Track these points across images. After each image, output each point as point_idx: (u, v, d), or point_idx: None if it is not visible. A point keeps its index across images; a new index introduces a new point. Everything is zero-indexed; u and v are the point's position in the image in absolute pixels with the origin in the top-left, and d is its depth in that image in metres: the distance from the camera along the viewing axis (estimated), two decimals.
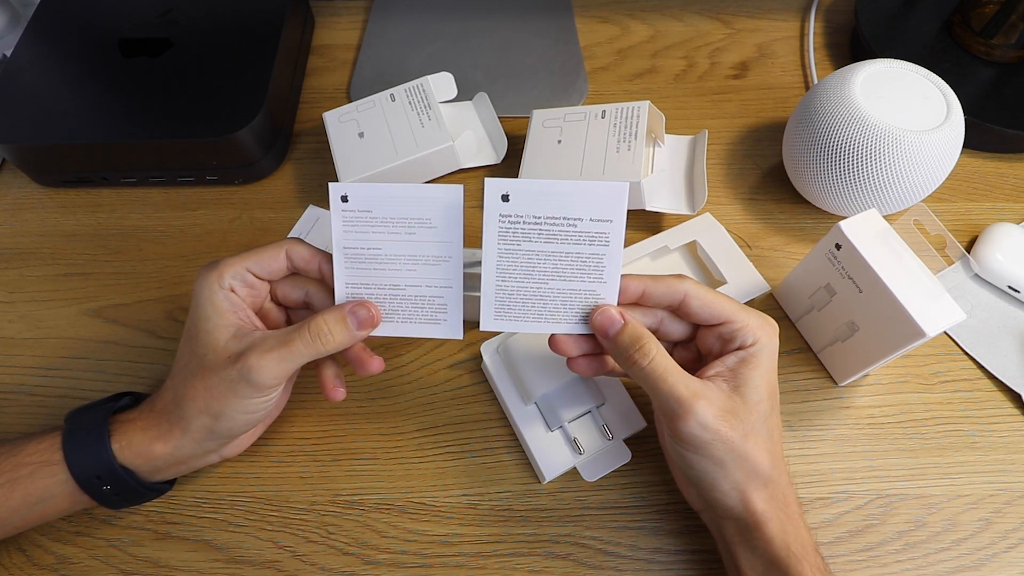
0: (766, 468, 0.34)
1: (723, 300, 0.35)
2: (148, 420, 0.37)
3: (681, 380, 0.33)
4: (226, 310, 0.35)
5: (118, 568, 0.41)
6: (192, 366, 0.36)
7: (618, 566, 0.41)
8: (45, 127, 0.52)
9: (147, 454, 0.36)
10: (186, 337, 0.37)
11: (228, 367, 0.34)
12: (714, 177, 0.56)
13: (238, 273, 0.36)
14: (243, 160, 0.54)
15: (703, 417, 0.33)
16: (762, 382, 0.34)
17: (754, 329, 0.35)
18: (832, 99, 0.47)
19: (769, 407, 0.35)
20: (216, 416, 0.35)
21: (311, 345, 0.34)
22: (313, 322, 0.35)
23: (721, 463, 0.34)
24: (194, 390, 0.35)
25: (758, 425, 0.34)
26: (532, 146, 0.53)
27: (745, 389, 0.34)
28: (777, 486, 0.35)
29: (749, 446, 0.33)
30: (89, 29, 0.58)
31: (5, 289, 0.52)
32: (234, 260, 0.36)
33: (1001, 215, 0.53)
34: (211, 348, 0.35)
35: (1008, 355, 0.47)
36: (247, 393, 0.35)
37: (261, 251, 0.37)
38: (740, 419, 0.33)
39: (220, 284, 0.35)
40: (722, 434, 0.33)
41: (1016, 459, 0.44)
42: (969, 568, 0.40)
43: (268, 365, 0.34)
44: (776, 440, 0.35)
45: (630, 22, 0.66)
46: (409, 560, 0.41)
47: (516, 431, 0.44)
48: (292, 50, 0.60)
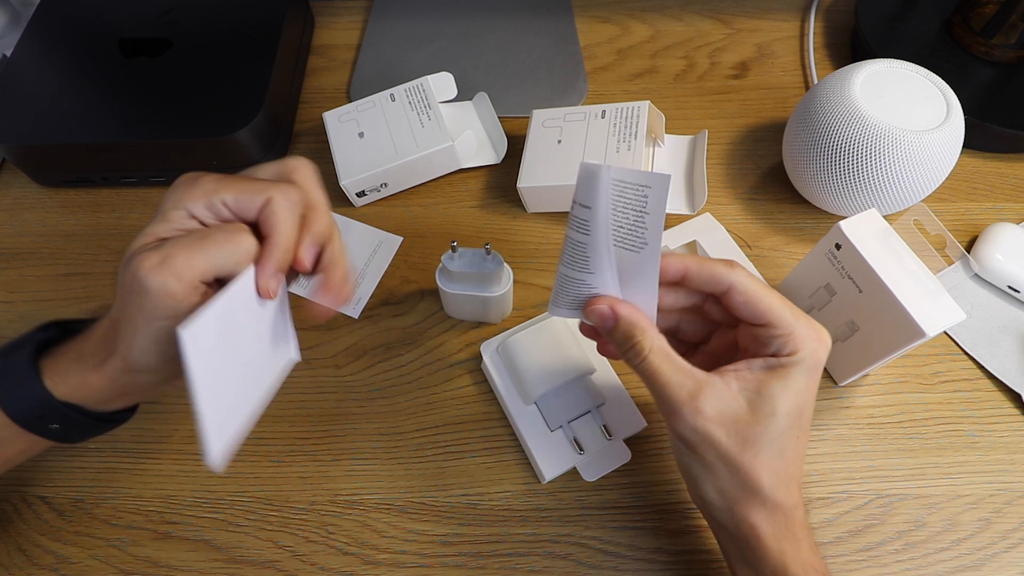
0: (764, 488, 0.31)
1: (771, 300, 0.32)
2: (82, 349, 0.33)
3: (675, 379, 0.31)
4: (172, 228, 0.31)
5: (118, 568, 0.41)
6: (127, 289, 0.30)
7: (618, 566, 0.41)
8: (45, 127, 0.52)
9: (85, 386, 0.32)
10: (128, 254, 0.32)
11: (125, 276, 0.30)
12: (714, 177, 0.56)
13: (212, 205, 0.31)
14: (243, 160, 0.54)
15: (693, 419, 0.31)
16: (785, 397, 0.31)
17: (797, 340, 0.31)
18: (832, 99, 0.47)
19: (787, 424, 0.31)
20: (131, 346, 0.30)
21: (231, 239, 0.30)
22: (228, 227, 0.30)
23: (710, 468, 0.32)
24: (119, 309, 0.31)
25: (764, 439, 0.31)
26: (532, 146, 0.53)
27: (759, 399, 0.31)
28: (779, 507, 0.32)
29: (746, 459, 0.31)
30: (89, 29, 0.58)
31: (5, 289, 0.52)
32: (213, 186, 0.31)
33: (1001, 215, 0.53)
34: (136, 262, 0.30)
35: (1008, 355, 0.47)
36: (148, 308, 0.29)
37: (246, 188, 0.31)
38: (740, 428, 0.31)
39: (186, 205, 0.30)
40: (712, 439, 0.31)
41: (1016, 459, 0.44)
42: (969, 568, 0.40)
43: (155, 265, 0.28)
44: (790, 461, 0.32)
45: (630, 22, 0.66)
46: (409, 560, 0.41)
47: (516, 431, 0.44)
48: (292, 50, 0.60)
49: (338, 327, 0.49)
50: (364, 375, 0.47)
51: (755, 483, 0.31)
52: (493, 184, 0.56)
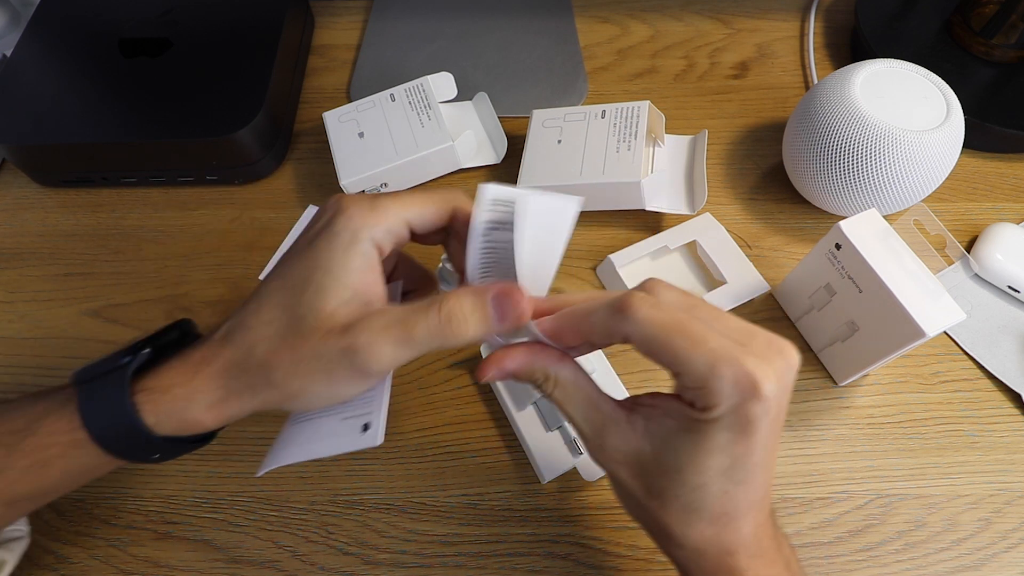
0: (676, 535, 0.27)
1: (679, 344, 0.25)
2: (192, 385, 0.28)
3: (579, 414, 0.28)
4: (356, 269, 0.27)
5: (118, 568, 0.41)
6: (281, 325, 0.28)
7: (618, 566, 0.41)
8: (45, 127, 0.52)
9: (191, 425, 0.29)
10: (286, 284, 0.28)
11: (329, 340, 0.27)
12: (714, 177, 0.56)
13: (394, 228, 0.28)
14: (243, 160, 0.54)
15: (597, 455, 0.28)
16: (696, 456, 0.26)
17: (712, 394, 0.24)
18: (832, 99, 0.47)
19: (699, 482, 0.26)
20: (293, 395, 0.28)
21: (438, 334, 0.27)
22: (445, 304, 0.27)
23: (625, 500, 0.29)
24: (275, 358, 0.27)
25: (668, 493, 0.27)
26: (532, 146, 0.53)
27: (665, 450, 0.27)
28: (703, 555, 0.27)
29: (652, 506, 0.27)
30: (89, 29, 0.58)
31: (5, 289, 0.52)
32: (395, 206, 0.28)
33: (1001, 215, 0.53)
34: (316, 310, 0.27)
35: (1008, 355, 0.47)
36: (344, 378, 0.27)
37: (428, 203, 0.29)
38: (645, 473, 0.27)
39: (370, 236, 0.27)
40: (618, 479, 0.28)
41: (1016, 459, 0.44)
42: (969, 568, 0.40)
43: (381, 349, 0.26)
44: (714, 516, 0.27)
45: (630, 22, 0.66)
46: (409, 560, 0.41)
47: (516, 431, 0.44)
48: (292, 50, 0.60)
49: None
50: None
51: (666, 530, 0.28)
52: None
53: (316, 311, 0.27)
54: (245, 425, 0.45)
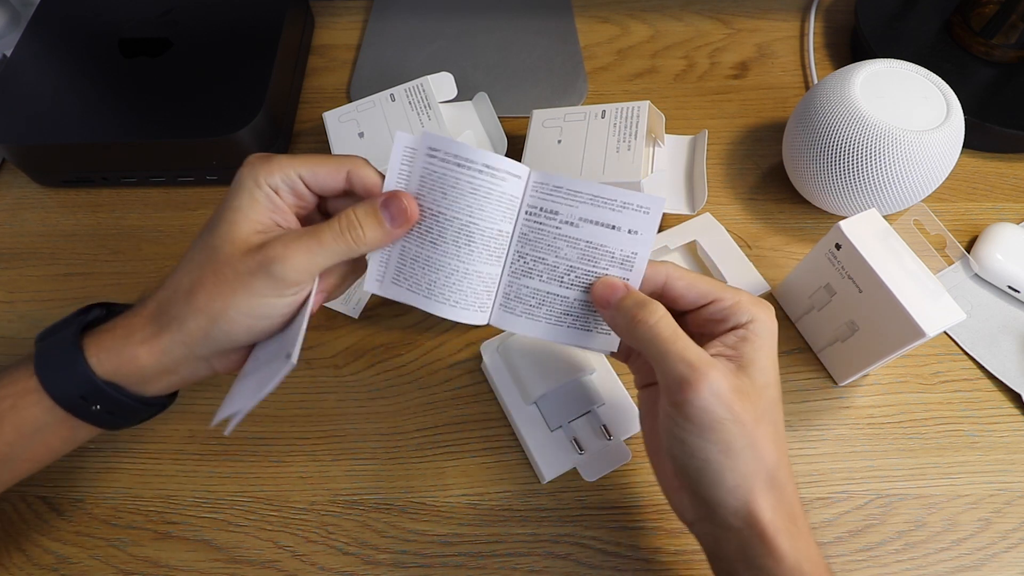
0: (772, 462, 0.30)
1: (708, 279, 0.33)
2: (131, 325, 0.32)
3: (691, 347, 0.30)
4: (261, 205, 0.32)
5: (118, 568, 0.41)
6: (201, 258, 0.31)
7: (618, 566, 0.41)
8: (45, 127, 0.52)
9: (131, 363, 0.32)
10: (203, 230, 0.32)
11: (247, 257, 0.30)
12: (714, 177, 0.56)
13: (288, 177, 0.32)
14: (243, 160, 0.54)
15: (718, 387, 0.29)
16: (768, 363, 0.31)
17: (748, 306, 0.32)
18: (832, 99, 0.47)
19: (776, 394, 0.31)
20: (216, 316, 0.31)
21: (341, 238, 0.31)
22: (344, 214, 0.31)
23: (728, 450, 0.29)
24: (198, 285, 0.31)
25: (767, 412, 0.30)
26: (532, 146, 0.53)
27: (752, 370, 0.31)
28: (784, 491, 0.31)
29: (760, 433, 0.30)
30: (89, 29, 0.58)
31: (5, 289, 0.52)
32: (287, 162, 0.32)
33: (1001, 215, 0.53)
34: (230, 240, 0.31)
35: (1008, 355, 0.47)
36: (264, 289, 0.30)
37: (320, 163, 0.33)
38: (751, 401, 0.30)
39: (266, 181, 0.32)
40: (736, 411, 0.29)
41: (1016, 459, 0.44)
42: (969, 568, 0.40)
43: (294, 255, 0.30)
44: (782, 433, 0.32)
45: (630, 22, 0.66)
46: (409, 560, 0.41)
47: (516, 431, 0.44)
48: (292, 50, 0.60)
49: (338, 327, 0.49)
50: (364, 375, 0.47)
51: (767, 458, 0.30)
52: None
53: (230, 239, 0.31)
54: (245, 425, 0.45)
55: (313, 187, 0.33)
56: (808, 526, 0.32)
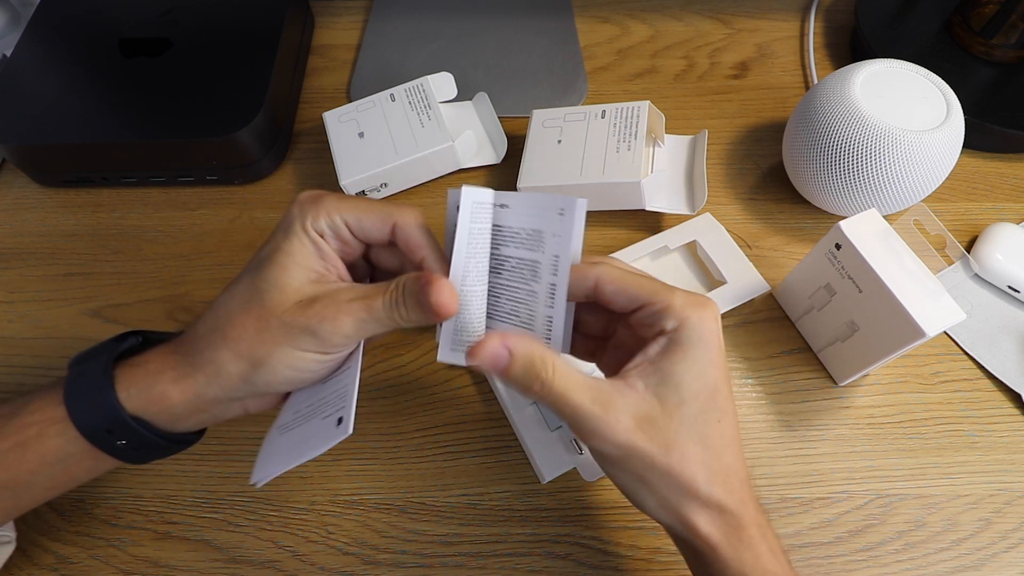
0: (701, 484, 0.29)
1: (641, 281, 0.30)
2: (164, 361, 0.31)
3: (585, 397, 0.28)
4: (310, 252, 0.30)
5: (118, 568, 0.41)
6: (245, 300, 0.30)
7: (618, 566, 0.41)
8: (45, 127, 0.52)
9: (161, 401, 0.31)
10: (248, 269, 0.31)
11: (294, 312, 0.29)
12: (714, 177, 0.56)
13: (333, 224, 0.31)
14: (243, 160, 0.54)
15: (613, 432, 0.28)
16: (686, 377, 0.29)
17: (677, 310, 0.29)
18: (832, 99, 0.47)
19: (697, 408, 0.29)
20: (258, 364, 0.30)
21: (391, 313, 0.29)
22: (397, 283, 0.30)
23: (643, 480, 0.29)
24: (240, 329, 0.30)
25: (683, 433, 0.29)
26: (532, 146, 0.53)
27: (664, 389, 0.29)
28: (723, 507, 0.29)
29: (674, 460, 0.28)
30: (89, 29, 0.58)
31: (5, 289, 0.52)
32: (334, 206, 0.31)
33: (1001, 215, 0.53)
34: (279, 286, 0.30)
35: (1008, 355, 0.47)
36: (308, 346, 0.29)
37: (366, 210, 0.31)
38: (658, 428, 0.28)
39: (311, 225, 0.30)
40: (638, 448, 0.28)
41: (1016, 459, 0.44)
42: (969, 568, 0.40)
43: (344, 321, 0.29)
44: (717, 448, 0.29)
45: (630, 22, 0.66)
46: (409, 560, 0.41)
47: (516, 431, 0.44)
48: (292, 50, 0.60)
49: None
50: (364, 375, 0.47)
51: (688, 483, 0.29)
52: (493, 184, 0.56)
53: (279, 285, 0.30)
54: (245, 425, 0.45)
55: (358, 235, 0.32)
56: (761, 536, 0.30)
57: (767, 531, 0.30)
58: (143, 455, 0.33)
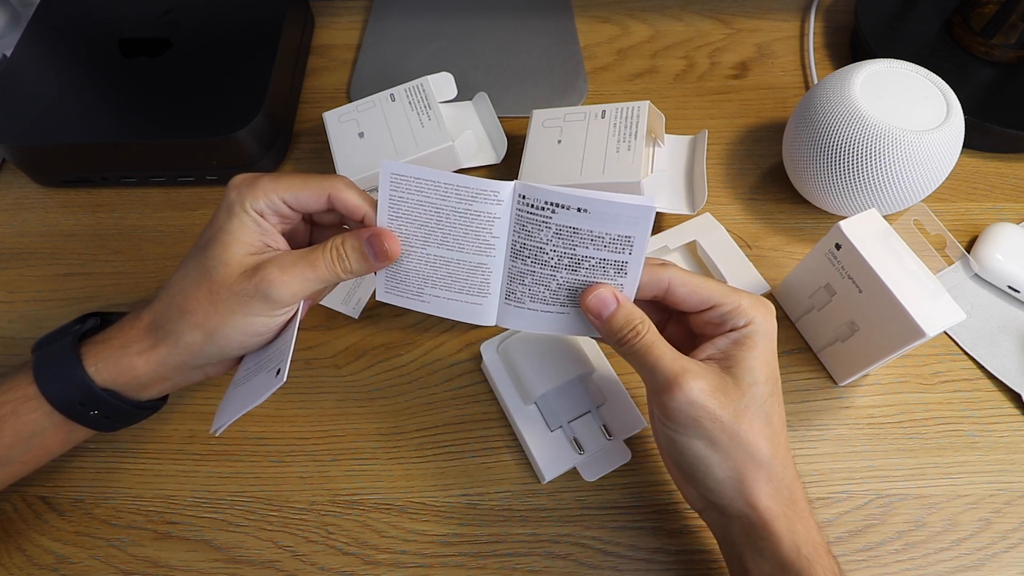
0: (765, 455, 0.32)
1: (711, 284, 0.34)
2: (127, 336, 0.34)
3: (669, 355, 0.32)
4: (250, 228, 0.33)
5: (118, 568, 0.41)
6: (195, 277, 0.33)
7: (618, 566, 0.41)
8: (45, 127, 0.52)
9: (128, 372, 0.34)
10: (194, 249, 0.34)
11: (242, 281, 0.32)
12: (714, 177, 0.56)
13: (271, 202, 0.34)
14: (243, 160, 0.54)
15: (690, 391, 0.31)
16: (757, 363, 0.33)
17: (746, 310, 0.33)
18: (832, 99, 0.47)
19: (766, 391, 0.33)
20: (211, 333, 0.33)
21: (332, 267, 0.33)
22: (333, 245, 0.34)
23: (714, 444, 0.32)
24: (194, 302, 0.33)
25: (752, 408, 0.32)
26: (532, 146, 0.53)
27: (737, 370, 0.33)
28: (781, 480, 0.33)
29: (743, 428, 0.32)
30: (89, 29, 0.58)
31: (5, 289, 0.52)
32: (270, 186, 0.34)
33: (1001, 215, 0.53)
34: (223, 261, 0.33)
35: (1008, 355, 0.47)
36: (258, 309, 0.33)
37: (302, 185, 0.34)
38: (731, 398, 0.32)
39: (251, 206, 0.33)
40: (710, 410, 0.32)
41: (1016, 459, 0.44)
42: (969, 568, 0.40)
43: (288, 280, 0.32)
44: (777, 428, 0.33)
45: (630, 22, 0.66)
46: (409, 560, 0.41)
47: (516, 431, 0.44)
48: (292, 50, 0.60)
49: (338, 327, 0.49)
50: (364, 375, 0.47)
51: (756, 450, 0.32)
52: None
53: (223, 260, 0.33)
54: (245, 425, 0.45)
55: (296, 208, 0.34)
56: (809, 510, 0.34)
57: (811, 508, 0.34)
58: (114, 423, 0.36)
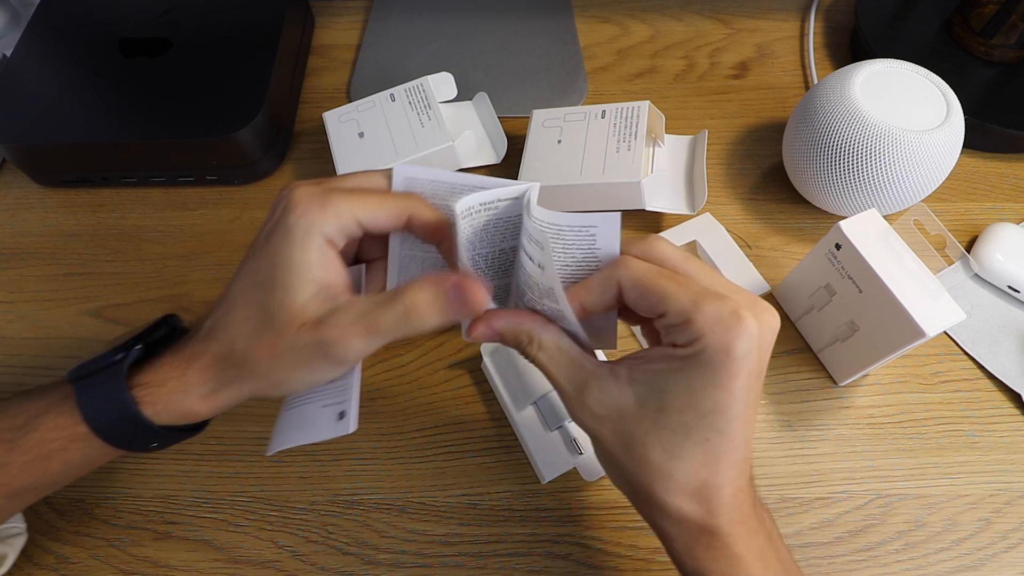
0: (657, 494, 0.28)
1: (666, 285, 0.27)
2: (186, 378, 0.31)
3: (563, 373, 0.29)
4: (316, 264, 0.29)
5: (118, 568, 0.41)
6: (257, 322, 0.30)
7: (618, 566, 0.41)
8: (45, 127, 0.52)
9: (189, 415, 0.31)
10: (255, 281, 0.30)
11: (303, 334, 0.29)
12: (714, 177, 0.56)
13: (347, 226, 0.29)
14: (243, 160, 0.54)
15: (579, 414, 0.29)
16: (677, 388, 0.27)
17: (696, 327, 0.26)
18: (832, 99, 0.47)
19: (681, 421, 0.27)
20: (277, 384, 0.30)
21: (402, 324, 0.28)
22: (407, 296, 0.28)
23: (607, 462, 0.30)
24: (257, 352, 0.30)
25: (650, 438, 0.27)
26: (532, 146, 0.53)
27: (648, 393, 0.28)
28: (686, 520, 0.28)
29: (632, 459, 0.28)
30: (89, 29, 0.58)
31: (5, 289, 0.52)
32: (345, 206, 0.29)
33: (1001, 215, 0.53)
34: (286, 307, 0.29)
35: (1008, 355, 0.47)
36: (321, 368, 0.30)
37: (379, 205, 0.30)
38: (625, 424, 0.28)
39: (321, 232, 0.29)
40: (597, 435, 0.29)
41: (1016, 459, 0.44)
42: (969, 568, 0.40)
43: (351, 342, 0.28)
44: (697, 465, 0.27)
45: (630, 22, 0.66)
46: (409, 560, 0.41)
47: (516, 431, 0.44)
48: (292, 50, 0.60)
49: None
50: (364, 375, 0.47)
51: (645, 489, 0.28)
52: None
53: (286, 308, 0.29)
54: (245, 425, 0.45)
55: (371, 230, 0.30)
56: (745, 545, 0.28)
57: (754, 540, 0.29)
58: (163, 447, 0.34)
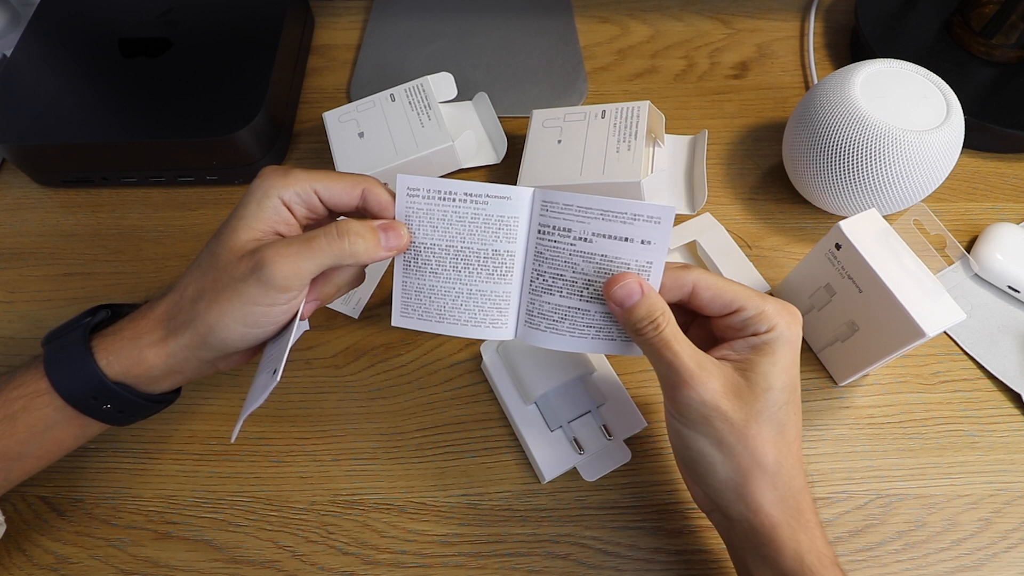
0: (770, 462, 0.32)
1: (735, 287, 0.33)
2: (139, 327, 0.34)
3: (687, 351, 0.32)
4: (266, 215, 0.32)
5: (118, 568, 0.41)
6: (205, 265, 0.33)
7: (618, 566, 0.41)
8: (45, 127, 0.52)
9: (140, 364, 0.33)
10: (211, 238, 0.34)
11: (242, 263, 0.31)
12: (714, 177, 0.56)
13: (304, 192, 0.33)
14: (243, 160, 0.54)
15: (704, 390, 0.31)
16: (774, 370, 0.32)
17: (770, 316, 0.32)
18: (832, 99, 0.47)
19: (782, 399, 0.32)
20: (213, 324, 0.32)
21: (334, 244, 0.31)
22: (339, 223, 0.32)
23: (720, 444, 0.32)
24: (201, 292, 0.32)
25: (765, 414, 0.32)
26: (532, 146, 0.53)
27: (752, 374, 0.32)
28: (788, 488, 0.32)
29: (752, 432, 0.32)
30: (89, 29, 0.58)
31: (5, 289, 0.52)
32: (304, 176, 0.33)
33: (1001, 215, 0.53)
34: (228, 247, 0.32)
35: (1008, 355, 0.47)
36: (255, 296, 0.31)
37: (337, 180, 0.33)
38: (744, 402, 0.32)
39: (279, 194, 0.32)
40: (723, 411, 0.31)
41: (1016, 459, 0.44)
42: (969, 568, 0.40)
43: (283, 260, 0.31)
44: (790, 437, 0.33)
45: (630, 22, 0.66)
46: (409, 560, 0.41)
47: (516, 431, 0.44)
48: (292, 50, 0.60)
49: (338, 327, 0.49)
50: (364, 375, 0.47)
51: (761, 456, 0.32)
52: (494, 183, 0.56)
53: (228, 247, 0.32)
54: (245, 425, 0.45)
55: (327, 202, 0.34)
56: (817, 522, 0.33)
57: (819, 518, 0.33)
58: (127, 417, 0.35)
